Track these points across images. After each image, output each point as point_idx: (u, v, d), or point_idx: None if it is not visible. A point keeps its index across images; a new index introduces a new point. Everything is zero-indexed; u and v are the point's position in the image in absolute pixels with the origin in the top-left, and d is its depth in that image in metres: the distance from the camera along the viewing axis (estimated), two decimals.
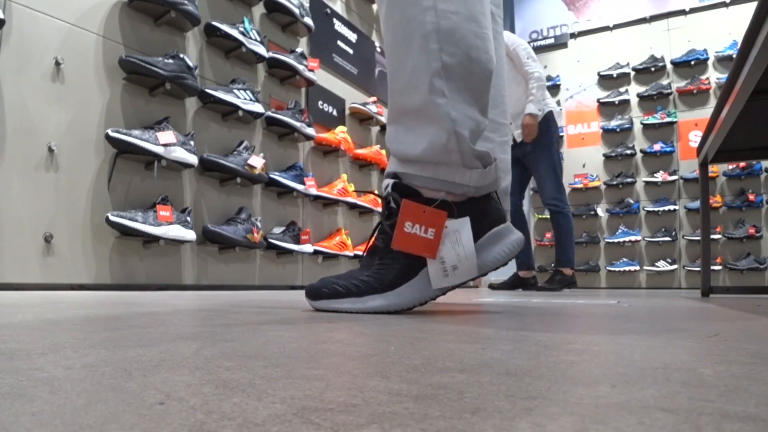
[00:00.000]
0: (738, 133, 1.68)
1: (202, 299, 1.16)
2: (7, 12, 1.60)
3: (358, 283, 0.78)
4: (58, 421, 0.18)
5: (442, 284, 0.77)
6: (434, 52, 0.76)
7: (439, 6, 0.76)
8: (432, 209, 0.76)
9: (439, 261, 0.76)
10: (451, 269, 0.76)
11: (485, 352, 0.37)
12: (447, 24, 0.76)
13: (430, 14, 0.76)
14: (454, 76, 0.76)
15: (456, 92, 0.77)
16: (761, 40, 1.05)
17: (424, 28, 0.76)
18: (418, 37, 0.76)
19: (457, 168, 0.77)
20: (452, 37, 0.76)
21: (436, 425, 0.18)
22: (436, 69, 0.76)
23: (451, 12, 0.76)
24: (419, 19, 0.76)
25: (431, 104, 0.76)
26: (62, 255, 1.70)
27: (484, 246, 0.79)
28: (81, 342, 0.39)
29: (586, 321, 0.69)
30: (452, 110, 0.76)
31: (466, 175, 0.77)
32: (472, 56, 0.77)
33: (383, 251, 0.80)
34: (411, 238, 0.75)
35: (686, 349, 0.40)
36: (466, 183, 0.77)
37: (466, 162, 0.77)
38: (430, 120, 0.77)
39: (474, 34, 0.77)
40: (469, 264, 0.76)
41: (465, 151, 0.77)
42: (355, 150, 3.21)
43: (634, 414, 0.20)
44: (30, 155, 1.65)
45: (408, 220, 0.75)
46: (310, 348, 0.38)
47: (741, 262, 4.54)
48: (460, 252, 0.76)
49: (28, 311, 0.69)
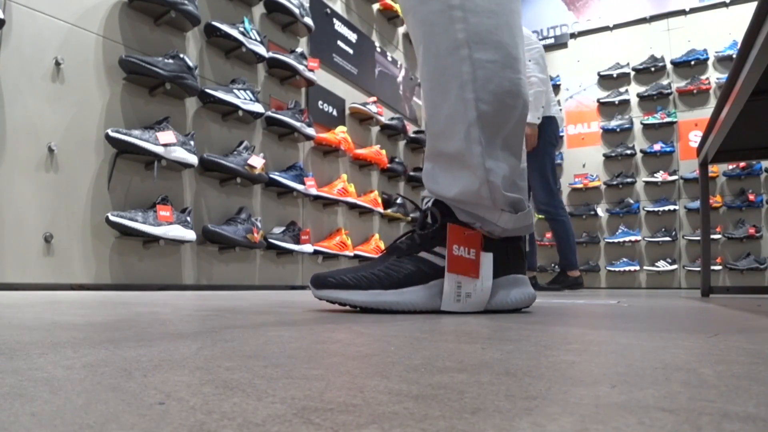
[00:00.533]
0: (738, 133, 1.68)
1: (202, 299, 1.16)
2: (7, 12, 1.60)
3: (366, 275, 0.78)
4: (58, 421, 0.18)
5: (450, 307, 0.79)
6: (470, 101, 0.77)
7: (475, 56, 0.76)
8: (471, 231, 0.79)
9: (456, 284, 0.77)
10: (464, 296, 0.78)
11: (485, 352, 0.37)
12: (483, 74, 0.76)
13: (466, 64, 0.76)
14: (490, 123, 0.78)
15: (491, 139, 0.78)
16: (761, 40, 1.05)
17: (461, 79, 0.77)
18: (455, 87, 0.77)
19: (488, 209, 0.79)
20: (488, 85, 0.77)
21: (436, 425, 0.18)
22: (473, 118, 0.77)
23: (488, 61, 0.76)
24: (456, 69, 0.77)
25: (467, 153, 0.78)
26: (62, 255, 1.70)
27: (499, 286, 0.81)
28: (81, 342, 0.39)
29: (586, 321, 0.69)
30: (487, 159, 0.78)
31: (497, 216, 0.80)
32: (507, 103, 0.78)
33: (403, 252, 0.81)
34: (460, 260, 0.78)
35: (686, 349, 0.40)
36: (496, 223, 0.80)
37: (497, 207, 0.79)
38: (465, 167, 0.79)
39: (509, 80, 0.78)
40: (482, 297, 0.79)
41: (497, 199, 0.79)
42: (355, 150, 3.21)
43: (634, 414, 0.20)
44: (30, 155, 1.65)
45: (455, 243, 0.78)
46: (310, 348, 0.38)
47: (741, 262, 4.54)
48: (478, 283, 0.78)
49: (28, 311, 0.69)
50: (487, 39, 0.76)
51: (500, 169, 0.79)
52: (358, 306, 0.78)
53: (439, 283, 0.78)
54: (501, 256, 0.81)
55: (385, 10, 3.74)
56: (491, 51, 0.77)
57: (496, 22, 0.77)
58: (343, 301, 0.78)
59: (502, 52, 0.77)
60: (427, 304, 0.78)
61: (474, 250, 0.78)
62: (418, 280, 0.79)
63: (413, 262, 0.80)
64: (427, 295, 0.78)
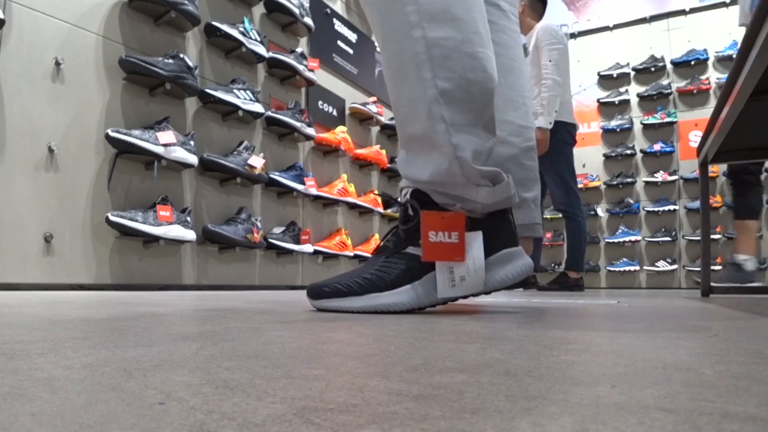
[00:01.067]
0: (738, 133, 1.68)
1: (202, 299, 1.16)
2: (7, 12, 1.60)
3: (359, 280, 0.78)
4: (58, 421, 0.18)
5: (447, 294, 0.77)
6: (428, 80, 0.77)
7: (429, 34, 0.76)
8: (451, 213, 0.77)
9: (448, 270, 0.76)
10: (458, 279, 0.77)
11: (485, 352, 0.37)
12: (438, 51, 0.76)
13: (420, 44, 0.76)
14: (452, 100, 0.77)
15: (456, 116, 0.77)
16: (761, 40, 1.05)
17: (417, 59, 0.77)
18: (412, 68, 0.77)
19: (464, 186, 0.78)
20: (446, 62, 0.76)
21: (436, 425, 0.18)
22: (433, 96, 0.77)
23: (442, 38, 0.76)
24: (411, 50, 0.77)
25: (432, 131, 0.77)
26: (62, 255, 1.70)
27: (493, 264, 0.79)
28: (81, 342, 0.39)
29: (586, 321, 0.69)
30: (453, 135, 0.77)
31: (474, 192, 0.78)
32: (469, 78, 0.77)
33: (391, 251, 0.80)
34: (438, 246, 0.76)
35: (686, 349, 0.40)
36: (475, 199, 0.78)
37: (473, 182, 0.78)
38: (432, 147, 0.78)
39: (469, 55, 0.77)
40: (477, 277, 0.77)
41: (470, 174, 0.78)
42: (355, 150, 3.21)
43: (634, 414, 0.20)
44: (30, 155, 1.65)
45: (431, 230, 0.76)
46: (310, 348, 0.38)
47: None
48: (470, 264, 0.77)
49: (28, 311, 0.69)
50: (440, 17, 0.76)
51: (469, 143, 0.78)
52: (356, 311, 0.78)
53: (432, 277, 0.78)
54: (490, 233, 0.79)
55: None
56: (446, 28, 0.76)
57: (449, 0, 0.77)
58: (341, 309, 0.78)
59: (458, 29, 0.77)
60: (425, 299, 0.78)
61: (456, 233, 0.76)
62: (411, 278, 0.78)
63: (402, 259, 0.79)
64: (423, 291, 0.78)
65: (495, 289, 0.80)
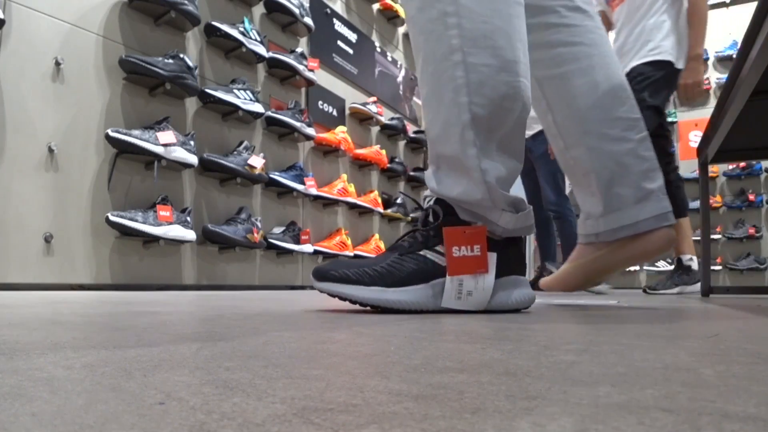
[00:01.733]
0: (738, 133, 1.68)
1: (202, 299, 1.16)
2: (7, 12, 1.60)
3: (369, 271, 0.79)
4: (58, 421, 0.18)
5: (450, 305, 0.79)
6: (464, 105, 0.79)
7: (469, 60, 0.78)
8: (472, 228, 0.79)
9: (458, 281, 0.77)
10: (465, 294, 0.78)
11: (485, 352, 0.37)
12: (476, 77, 0.78)
13: (460, 69, 0.79)
14: (485, 126, 0.79)
15: (487, 142, 0.80)
16: (761, 40, 1.05)
17: (454, 83, 0.79)
18: (449, 91, 0.79)
19: (490, 209, 0.81)
20: (482, 89, 0.79)
21: (436, 425, 0.18)
22: (466, 121, 0.79)
23: (482, 65, 0.78)
24: (450, 74, 0.79)
25: (462, 155, 0.80)
26: (62, 255, 1.70)
27: (499, 287, 0.81)
28: (81, 342, 0.39)
29: (585, 321, 0.69)
30: (483, 161, 0.79)
31: (498, 215, 0.81)
32: (504, 106, 0.80)
33: (405, 250, 0.81)
34: (462, 261, 0.78)
35: (686, 349, 0.40)
36: (497, 223, 0.81)
37: (498, 206, 0.81)
38: (462, 169, 0.81)
39: (505, 83, 0.80)
40: (483, 295, 0.79)
41: (496, 199, 0.80)
42: (355, 150, 3.21)
43: (634, 414, 0.20)
44: (30, 155, 1.65)
45: (454, 245, 0.78)
46: (310, 348, 0.38)
47: (741, 262, 4.54)
48: (480, 281, 0.78)
49: (28, 311, 0.69)
50: (481, 44, 0.78)
51: (496, 170, 0.80)
52: (359, 302, 0.78)
53: (441, 282, 0.79)
54: (502, 257, 0.81)
55: (385, 10, 3.74)
56: (485, 55, 0.78)
57: (492, 28, 0.79)
58: (345, 296, 0.78)
59: (497, 57, 0.79)
60: (429, 303, 0.78)
61: (478, 246, 0.78)
62: (420, 279, 0.79)
63: (415, 260, 0.80)
64: (429, 294, 0.79)
65: (494, 309, 0.81)
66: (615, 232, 1.02)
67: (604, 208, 1.02)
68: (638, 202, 1.00)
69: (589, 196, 1.04)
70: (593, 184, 1.02)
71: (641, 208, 1.00)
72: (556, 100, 1.03)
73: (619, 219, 1.01)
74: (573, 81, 1.01)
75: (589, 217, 1.05)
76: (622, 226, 1.01)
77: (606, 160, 1.00)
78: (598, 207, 1.03)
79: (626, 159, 1.01)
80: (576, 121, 1.02)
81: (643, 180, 1.01)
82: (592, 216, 1.04)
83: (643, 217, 1.00)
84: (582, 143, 1.02)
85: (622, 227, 1.01)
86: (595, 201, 1.03)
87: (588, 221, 1.05)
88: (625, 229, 1.01)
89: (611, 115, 1.01)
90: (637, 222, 1.00)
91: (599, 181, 1.01)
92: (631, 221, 1.00)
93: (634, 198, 1.00)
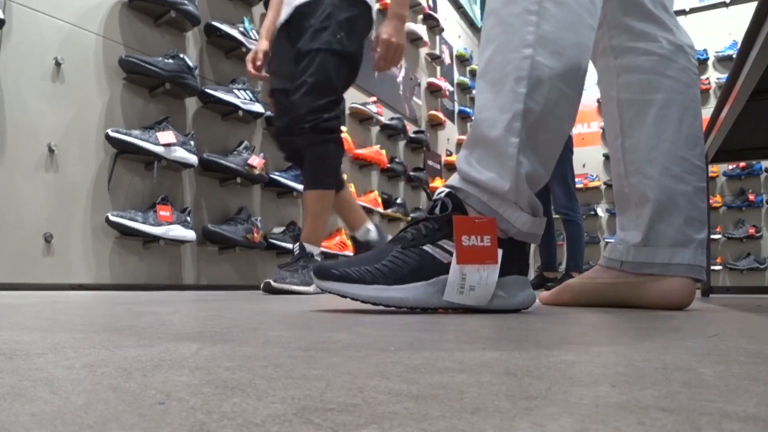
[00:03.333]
0: (738, 133, 1.68)
1: (202, 299, 1.16)
2: (7, 12, 1.60)
3: (371, 269, 0.78)
4: (58, 421, 0.18)
5: (453, 299, 0.78)
6: (521, 95, 0.81)
7: (537, 58, 0.81)
8: (483, 218, 0.80)
9: (461, 275, 0.77)
10: (468, 288, 0.78)
11: (485, 352, 0.37)
12: (538, 74, 0.81)
13: (526, 62, 0.81)
14: (532, 122, 0.81)
15: (528, 138, 0.82)
16: (761, 40, 1.05)
17: (518, 74, 0.82)
18: (511, 80, 0.82)
19: (509, 205, 0.81)
20: (540, 87, 0.81)
21: (436, 425, 0.18)
22: (518, 111, 0.81)
23: (546, 66, 0.81)
24: (516, 64, 0.82)
25: (504, 141, 0.81)
26: (62, 255, 1.70)
27: (501, 286, 0.81)
28: (81, 342, 0.39)
29: (586, 321, 0.69)
30: (522, 153, 0.81)
31: (515, 215, 0.81)
32: (555, 112, 0.82)
33: (408, 242, 0.81)
34: (471, 250, 0.78)
35: (686, 349, 0.40)
36: (513, 222, 0.81)
37: (520, 203, 0.81)
38: (499, 156, 0.82)
39: (561, 92, 0.82)
40: (486, 291, 0.79)
41: (521, 193, 0.81)
42: (355, 150, 3.20)
43: (634, 414, 0.20)
44: (30, 155, 1.65)
45: (464, 234, 0.78)
46: (310, 348, 0.38)
47: (741, 262, 4.54)
48: (483, 276, 0.78)
49: (28, 311, 0.69)
50: (551, 47, 0.82)
51: (531, 166, 0.82)
52: (360, 300, 0.78)
53: (444, 280, 0.78)
54: (506, 256, 0.81)
55: (385, 10, 3.74)
56: (552, 59, 0.81)
57: (566, 37, 0.83)
58: (346, 295, 0.78)
59: (562, 64, 0.82)
60: (430, 300, 0.78)
61: (489, 237, 0.78)
62: (422, 276, 0.78)
63: (417, 256, 0.80)
64: (430, 292, 0.78)
65: (494, 308, 0.81)
66: (641, 266, 1.01)
67: (642, 240, 1.02)
68: (676, 245, 1.00)
69: (632, 225, 1.05)
70: (643, 215, 1.02)
71: (677, 252, 1.00)
72: (631, 124, 1.05)
73: (651, 255, 1.01)
74: (653, 110, 1.03)
75: (622, 242, 1.05)
76: (652, 262, 1.00)
77: (660, 193, 1.01)
78: (637, 237, 1.02)
79: (679, 199, 1.01)
80: (644, 149, 1.03)
81: (688, 226, 1.01)
82: (626, 243, 1.04)
83: (677, 261, 1.00)
84: (643, 172, 1.03)
85: (651, 263, 1.00)
86: (636, 232, 1.03)
87: (620, 246, 1.05)
88: (654, 267, 1.00)
89: (679, 154, 1.02)
90: (668, 264, 1.00)
91: (648, 212, 1.01)
92: (663, 261, 1.00)
93: (674, 240, 1.00)
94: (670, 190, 1.01)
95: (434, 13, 4.33)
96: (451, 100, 4.85)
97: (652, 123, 1.03)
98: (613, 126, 1.08)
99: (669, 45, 1.04)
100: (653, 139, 1.02)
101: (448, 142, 4.73)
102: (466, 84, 5.09)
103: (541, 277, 3.33)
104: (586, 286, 1.09)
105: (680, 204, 1.01)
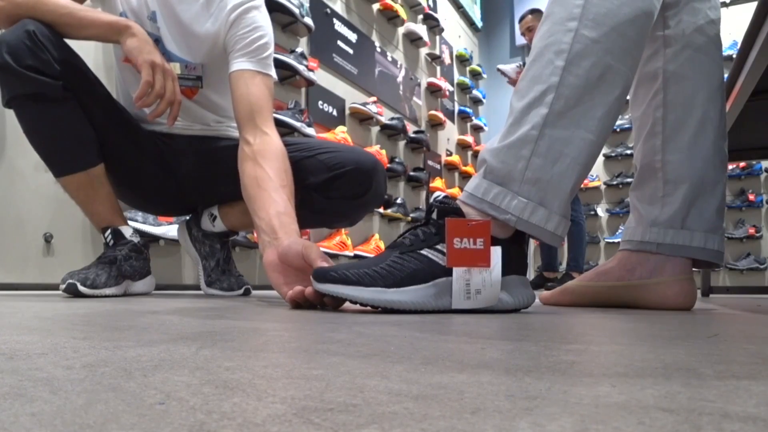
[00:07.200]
0: (738, 133, 1.68)
1: (202, 299, 1.16)
2: None
3: (369, 272, 0.78)
4: (58, 421, 0.18)
5: (462, 306, 0.79)
6: (558, 68, 0.81)
7: (581, 31, 0.81)
8: (476, 221, 0.79)
9: (464, 281, 0.77)
10: (474, 292, 0.78)
11: (485, 352, 0.37)
12: (579, 48, 0.81)
13: (569, 35, 0.82)
14: (569, 96, 0.81)
15: (558, 114, 0.81)
16: (761, 40, 1.05)
17: (559, 46, 0.82)
18: (551, 51, 0.82)
19: (507, 193, 0.81)
20: (581, 60, 0.81)
21: (436, 425, 0.18)
22: (554, 83, 0.81)
23: (590, 39, 0.81)
24: (558, 38, 0.82)
25: (531, 110, 0.82)
26: (62, 255, 1.70)
27: (501, 285, 0.81)
28: (81, 342, 0.39)
29: (586, 321, 0.69)
30: (546, 124, 0.81)
31: (513, 203, 0.81)
32: (591, 85, 0.81)
33: (406, 248, 0.81)
34: (463, 253, 0.78)
35: (686, 349, 0.40)
36: (510, 210, 0.81)
37: (523, 180, 0.81)
38: (524, 123, 0.82)
39: (605, 65, 0.81)
40: (493, 291, 0.79)
41: (533, 162, 0.81)
42: None
43: (634, 414, 0.20)
44: (30, 155, 1.65)
45: (455, 237, 0.78)
46: (310, 348, 0.38)
47: (741, 262, 4.53)
48: (487, 277, 0.78)
49: (28, 311, 0.69)
50: (599, 20, 0.81)
51: (550, 139, 0.81)
52: (358, 303, 0.78)
53: (442, 282, 0.78)
54: (504, 256, 0.81)
55: (385, 10, 3.74)
56: (598, 32, 0.81)
57: (616, 12, 0.82)
58: (344, 297, 0.78)
59: (610, 36, 0.81)
60: (429, 303, 0.78)
61: (482, 240, 0.78)
62: (421, 279, 0.78)
63: (415, 259, 0.80)
64: (430, 294, 0.78)
65: (498, 308, 0.81)
66: (679, 248, 1.01)
67: (679, 222, 1.01)
68: (709, 231, 1.01)
69: (657, 201, 1.03)
70: (675, 194, 1.01)
71: (709, 237, 1.01)
72: (677, 99, 1.02)
73: (689, 238, 1.01)
74: (702, 90, 1.01)
75: (654, 224, 1.03)
76: (689, 245, 1.00)
77: (700, 178, 1.00)
78: (668, 216, 1.01)
79: (716, 187, 1.02)
80: (691, 128, 1.01)
81: (717, 214, 1.02)
82: (658, 225, 1.03)
83: (710, 246, 1.00)
84: (685, 152, 1.01)
85: (688, 246, 1.00)
86: (667, 209, 1.02)
87: (653, 228, 1.03)
88: (692, 251, 1.00)
89: (719, 143, 1.03)
90: (703, 248, 1.00)
91: (683, 192, 1.01)
92: (699, 245, 1.00)
93: (708, 226, 1.01)
94: (709, 176, 1.01)
95: (434, 13, 4.33)
96: (451, 101, 4.85)
97: (698, 105, 1.01)
98: (654, 97, 1.04)
99: (717, 38, 1.03)
100: (697, 122, 1.00)
101: (448, 142, 4.72)
102: (466, 84, 5.09)
103: (541, 277, 3.33)
104: (586, 289, 1.09)
105: (716, 192, 1.02)
